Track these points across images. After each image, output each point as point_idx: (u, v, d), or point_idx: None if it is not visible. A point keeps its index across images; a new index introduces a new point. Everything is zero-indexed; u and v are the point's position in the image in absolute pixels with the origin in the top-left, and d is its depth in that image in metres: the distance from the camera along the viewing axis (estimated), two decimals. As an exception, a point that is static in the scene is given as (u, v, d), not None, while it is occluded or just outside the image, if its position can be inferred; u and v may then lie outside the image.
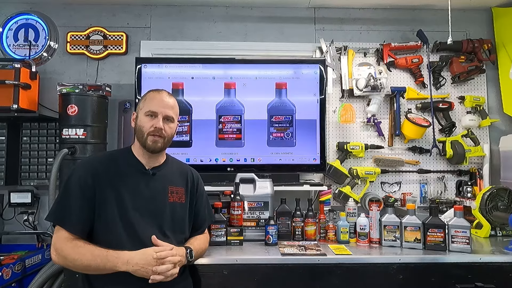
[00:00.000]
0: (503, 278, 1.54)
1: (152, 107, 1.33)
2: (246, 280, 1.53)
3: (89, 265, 1.17)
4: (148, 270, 1.18)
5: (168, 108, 1.36)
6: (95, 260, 1.17)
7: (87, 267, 1.18)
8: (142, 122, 1.33)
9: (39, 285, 1.92)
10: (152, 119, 1.33)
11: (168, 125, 1.36)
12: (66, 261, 1.20)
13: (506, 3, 2.50)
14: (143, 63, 2.27)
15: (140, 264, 1.18)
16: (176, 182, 1.42)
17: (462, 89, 2.54)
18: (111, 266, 1.17)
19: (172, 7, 2.56)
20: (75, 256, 1.18)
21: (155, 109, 1.33)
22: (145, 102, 1.36)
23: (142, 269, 1.18)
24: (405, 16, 2.58)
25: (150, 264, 1.18)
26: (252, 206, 1.87)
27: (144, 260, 1.18)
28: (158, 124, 1.32)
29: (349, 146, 2.37)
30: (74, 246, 1.19)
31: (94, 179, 1.26)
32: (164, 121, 1.34)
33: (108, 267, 1.17)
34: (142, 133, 1.33)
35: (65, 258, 1.19)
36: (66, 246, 1.19)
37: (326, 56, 2.42)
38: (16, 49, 2.47)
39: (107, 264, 1.17)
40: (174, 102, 1.40)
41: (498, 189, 1.93)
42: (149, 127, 1.32)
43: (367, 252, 1.67)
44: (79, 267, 1.19)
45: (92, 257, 1.17)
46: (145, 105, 1.35)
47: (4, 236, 2.33)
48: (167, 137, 1.36)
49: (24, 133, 2.35)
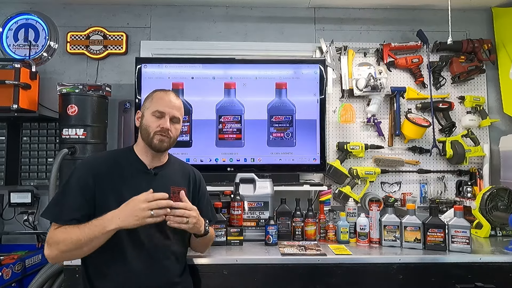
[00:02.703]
0: (503, 278, 1.54)
1: (160, 107, 1.33)
2: (246, 280, 1.53)
3: (79, 238, 1.14)
4: (139, 213, 1.13)
5: (176, 109, 1.36)
6: (83, 232, 1.14)
7: (78, 242, 1.14)
8: (149, 122, 1.33)
9: (39, 285, 1.92)
10: (159, 119, 1.33)
11: (174, 126, 1.36)
12: (58, 247, 1.15)
13: (506, 3, 2.50)
14: (143, 63, 2.27)
15: (127, 212, 1.14)
16: (178, 182, 1.41)
17: (462, 89, 2.54)
18: (100, 230, 1.13)
19: (172, 7, 2.56)
20: (65, 235, 1.15)
21: (162, 109, 1.33)
22: (152, 102, 1.35)
23: (131, 216, 1.13)
24: (405, 16, 2.59)
25: (138, 207, 1.14)
26: (252, 206, 1.87)
27: (131, 207, 1.15)
28: (165, 124, 1.32)
29: (349, 146, 2.37)
30: (63, 229, 1.17)
31: (95, 179, 1.26)
32: (171, 122, 1.34)
33: (98, 233, 1.13)
34: (148, 132, 1.32)
35: (56, 244, 1.16)
36: (56, 232, 1.18)
37: (326, 56, 2.42)
38: (16, 49, 2.47)
39: (95, 230, 1.13)
40: (180, 103, 1.41)
41: (498, 189, 1.93)
42: (156, 127, 1.32)
43: (367, 252, 1.67)
44: (70, 246, 1.15)
45: (80, 230, 1.14)
46: (152, 104, 1.34)
47: (4, 236, 2.33)
48: (173, 138, 1.36)
49: (24, 133, 2.35)
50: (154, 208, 1.15)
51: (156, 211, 1.16)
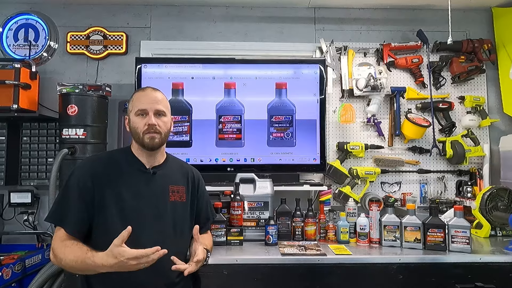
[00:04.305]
0: (503, 278, 1.54)
1: (140, 106, 1.32)
2: (246, 280, 1.53)
3: (73, 266, 1.15)
4: (130, 268, 1.11)
5: (156, 103, 1.34)
6: (76, 262, 1.14)
7: (72, 268, 1.16)
8: (135, 123, 1.32)
9: (39, 285, 1.92)
10: (144, 117, 1.32)
11: (161, 120, 1.34)
12: (56, 260, 1.19)
13: (506, 3, 2.50)
14: (143, 63, 2.27)
15: (115, 265, 1.10)
16: (177, 181, 1.41)
17: (462, 89, 2.54)
18: (92, 270, 1.13)
19: (172, 7, 2.56)
20: (61, 255, 1.17)
21: (143, 106, 1.32)
22: (133, 103, 1.35)
23: (122, 268, 1.11)
24: (405, 16, 2.58)
25: (129, 264, 1.10)
26: (252, 206, 1.87)
27: (120, 263, 1.10)
28: (150, 120, 1.31)
29: (349, 146, 2.37)
30: (63, 245, 1.18)
31: (93, 180, 1.26)
32: (156, 117, 1.33)
33: (89, 270, 1.14)
34: (138, 134, 1.32)
35: (55, 257, 1.19)
36: (58, 245, 1.19)
37: (326, 56, 2.42)
38: (16, 49, 2.47)
39: (87, 268, 1.13)
40: (161, 96, 1.38)
41: (498, 189, 1.93)
42: (143, 126, 1.31)
43: (367, 252, 1.67)
44: (66, 267, 1.17)
45: (74, 259, 1.14)
46: (134, 105, 1.34)
47: (4, 236, 2.33)
48: (163, 132, 1.35)
49: (24, 133, 2.35)
50: (144, 263, 1.11)
51: (147, 264, 1.12)
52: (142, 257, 1.10)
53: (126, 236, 1.10)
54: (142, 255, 1.10)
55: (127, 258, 1.09)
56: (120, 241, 1.10)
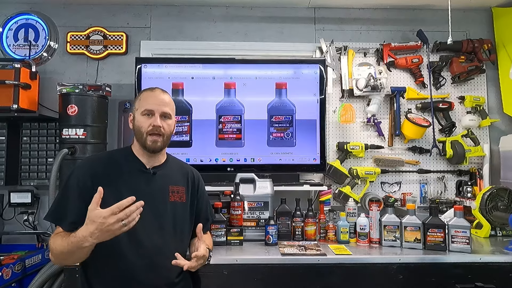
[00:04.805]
0: (503, 278, 1.54)
1: (148, 106, 1.33)
2: (246, 280, 1.53)
3: (62, 251, 1.15)
4: (110, 227, 1.07)
5: (164, 105, 1.35)
6: (63, 246, 1.14)
7: (62, 254, 1.16)
8: (140, 122, 1.33)
9: (39, 285, 1.92)
10: (149, 117, 1.32)
11: (166, 122, 1.35)
12: (52, 254, 1.20)
13: (506, 3, 2.50)
14: (143, 63, 2.27)
15: (98, 229, 1.08)
16: (177, 181, 1.41)
17: (462, 89, 2.54)
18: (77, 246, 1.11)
19: (172, 7, 2.56)
20: (52, 245, 1.18)
21: (151, 107, 1.32)
22: (140, 102, 1.35)
23: (103, 232, 1.08)
24: (405, 16, 2.58)
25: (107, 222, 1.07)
26: (252, 206, 1.87)
27: (98, 224, 1.07)
28: (156, 122, 1.31)
29: (349, 146, 2.37)
30: (57, 238, 1.19)
31: (93, 180, 1.26)
32: (162, 118, 1.34)
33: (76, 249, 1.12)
34: (141, 133, 1.32)
35: (51, 251, 1.20)
36: (53, 239, 1.20)
37: (326, 56, 2.42)
38: (16, 49, 2.47)
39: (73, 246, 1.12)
40: (169, 98, 1.40)
41: (498, 189, 1.93)
42: (147, 126, 1.31)
43: (367, 252, 1.67)
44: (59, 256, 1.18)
45: (61, 243, 1.15)
46: (141, 104, 1.34)
47: (4, 236, 2.33)
48: (166, 135, 1.35)
49: (24, 133, 2.35)
50: (123, 218, 1.09)
51: (127, 220, 1.09)
52: (119, 210, 1.07)
53: (99, 198, 1.10)
54: (118, 207, 1.08)
55: (104, 217, 1.07)
56: (95, 205, 1.09)
